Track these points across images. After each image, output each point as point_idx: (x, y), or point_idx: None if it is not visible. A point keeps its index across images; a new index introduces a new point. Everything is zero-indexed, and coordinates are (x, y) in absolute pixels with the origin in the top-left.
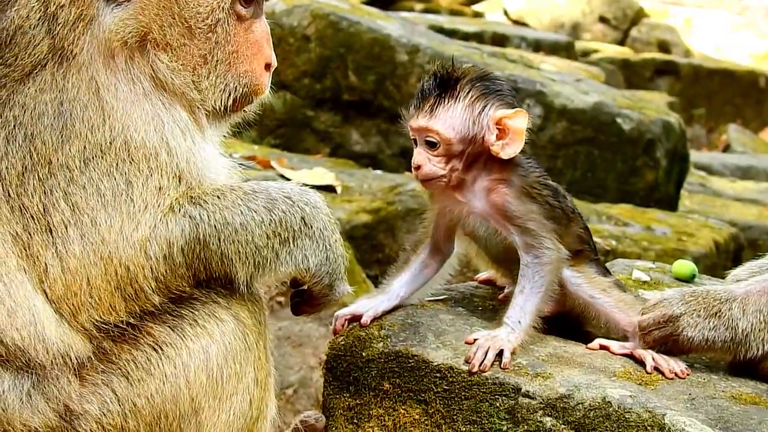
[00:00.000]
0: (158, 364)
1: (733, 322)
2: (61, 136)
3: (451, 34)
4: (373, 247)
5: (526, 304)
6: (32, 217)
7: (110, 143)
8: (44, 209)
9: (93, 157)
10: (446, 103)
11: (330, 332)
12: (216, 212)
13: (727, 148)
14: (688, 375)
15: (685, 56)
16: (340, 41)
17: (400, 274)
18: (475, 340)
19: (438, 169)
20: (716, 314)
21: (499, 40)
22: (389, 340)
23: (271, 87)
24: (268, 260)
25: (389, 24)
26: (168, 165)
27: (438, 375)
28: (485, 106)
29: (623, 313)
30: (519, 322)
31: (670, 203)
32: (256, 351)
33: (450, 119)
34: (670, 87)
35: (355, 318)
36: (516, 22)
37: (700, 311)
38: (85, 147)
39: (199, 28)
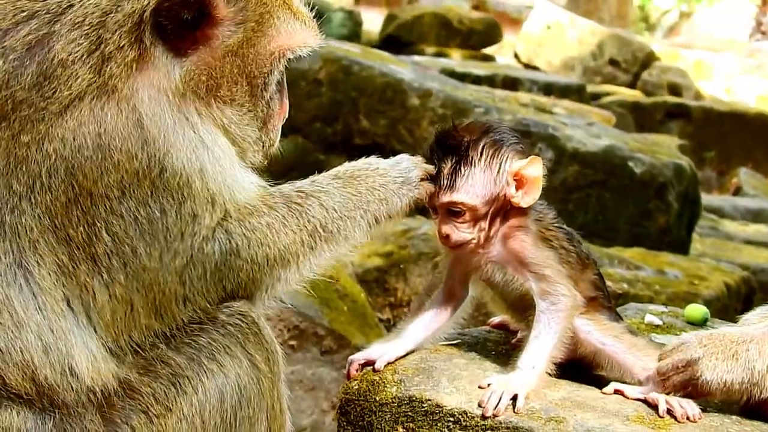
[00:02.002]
0: (176, 400)
1: (750, 363)
2: (101, 168)
3: (463, 77)
4: (385, 290)
5: (540, 350)
6: (77, 247)
7: (147, 171)
8: (88, 239)
9: (129, 186)
10: (463, 171)
11: (343, 376)
12: (246, 222)
13: (738, 191)
14: (700, 419)
15: (696, 99)
16: (352, 85)
17: (414, 318)
18: (488, 384)
19: (467, 235)
20: (733, 356)
21: (511, 83)
22: (403, 384)
23: (282, 131)
24: (303, 257)
25: (401, 68)
26: (200, 192)
27: (452, 419)
28: (501, 163)
29: (636, 358)
30: (533, 366)
31: (681, 246)
32: (269, 399)
33: (471, 187)
34: (681, 130)
35: (369, 363)
36: (527, 66)
37: (718, 354)
38: (122, 177)
39: (258, 87)
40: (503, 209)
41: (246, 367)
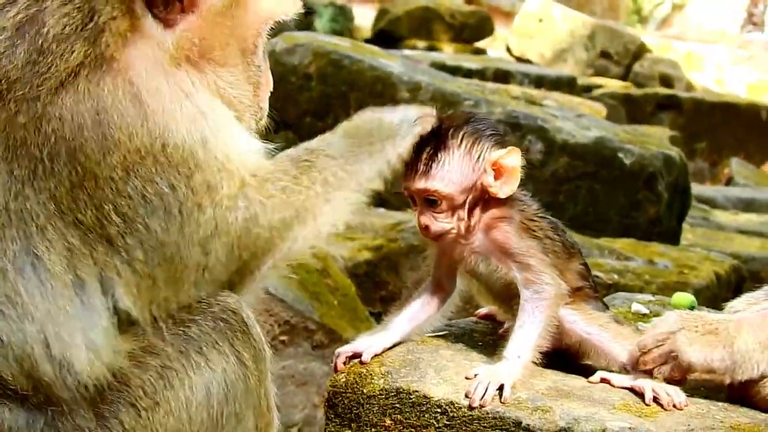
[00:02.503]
0: (163, 394)
1: (729, 339)
2: (102, 148)
3: (454, 71)
4: (376, 284)
5: (525, 339)
6: (89, 230)
7: (149, 147)
8: (99, 222)
9: (133, 165)
10: (440, 158)
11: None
12: (263, 189)
13: (729, 182)
14: (686, 406)
15: (687, 90)
16: (342, 79)
17: (401, 311)
18: (475, 375)
19: (445, 225)
20: (713, 332)
21: (502, 76)
22: (390, 376)
23: (272, 126)
24: (321, 212)
25: (391, 62)
26: (208, 162)
27: (439, 410)
28: (480, 152)
29: (621, 347)
30: (518, 356)
31: (672, 237)
32: (256, 396)
33: (447, 175)
34: (672, 121)
35: (356, 355)
36: (518, 59)
37: (697, 327)
38: (125, 156)
39: (248, 49)
40: (482, 199)
41: (233, 364)
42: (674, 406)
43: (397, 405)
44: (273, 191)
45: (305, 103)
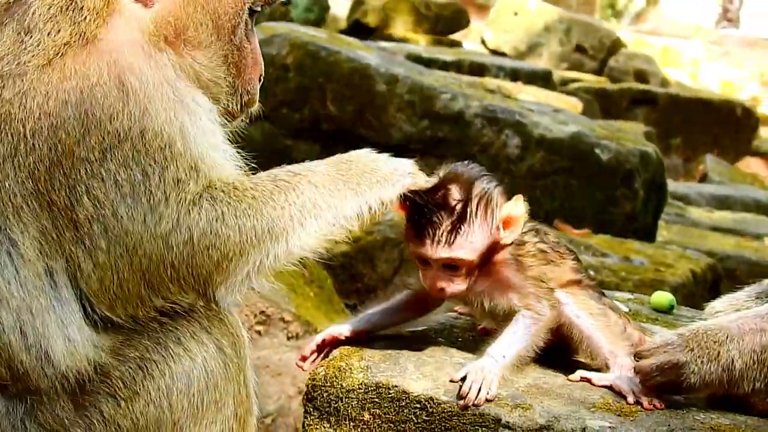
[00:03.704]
0: (143, 384)
1: (731, 364)
2: (83, 126)
3: (429, 63)
4: (352, 276)
5: (513, 344)
6: (60, 213)
7: (128, 131)
8: (70, 204)
9: (111, 148)
10: (462, 229)
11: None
12: (232, 192)
13: (704, 178)
14: (664, 405)
15: (663, 86)
16: (319, 71)
17: (378, 305)
18: (463, 377)
19: (461, 285)
20: (716, 358)
21: (477, 69)
22: (369, 370)
23: (249, 116)
24: (292, 233)
25: (368, 54)
26: (183, 155)
27: (418, 406)
28: (494, 213)
29: (606, 341)
30: (503, 356)
31: (647, 233)
32: (236, 384)
33: (470, 243)
34: (647, 116)
35: (326, 343)
36: (493, 52)
37: (703, 358)
38: (103, 138)
39: (225, 29)
40: (491, 252)
41: (212, 351)
42: (654, 406)
43: (377, 400)
44: (243, 197)
45: (282, 94)
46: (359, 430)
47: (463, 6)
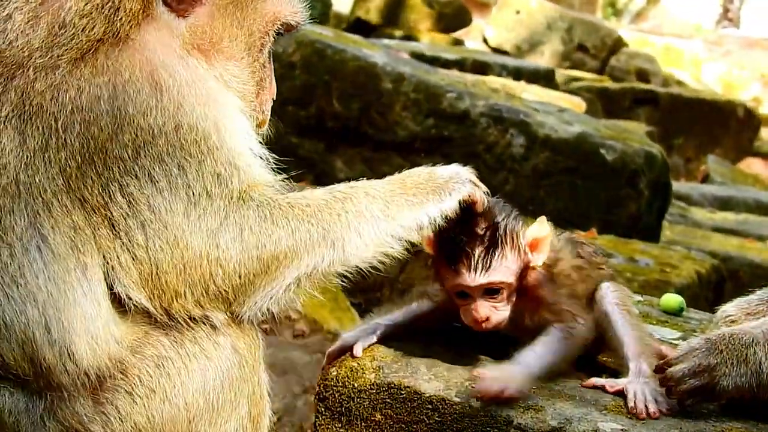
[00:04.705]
0: (159, 381)
1: (759, 367)
2: (116, 122)
3: (432, 61)
4: (358, 274)
5: (544, 356)
6: (93, 210)
7: (161, 126)
8: (104, 203)
9: (144, 144)
10: (496, 253)
11: (315, 361)
12: (281, 195)
13: (706, 179)
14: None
15: (664, 85)
16: (326, 69)
17: (395, 315)
18: (485, 373)
19: (504, 312)
20: (744, 360)
21: (480, 68)
22: (381, 371)
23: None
24: (348, 240)
25: (374, 52)
26: (220, 149)
27: (430, 406)
28: (519, 237)
29: (635, 342)
30: (532, 366)
31: (652, 234)
32: (250, 384)
33: (505, 267)
34: (648, 116)
35: (343, 350)
36: (495, 50)
37: (733, 360)
38: (137, 135)
39: (255, 46)
40: (525, 275)
41: (228, 352)
42: (661, 411)
43: (388, 400)
44: (295, 203)
45: (288, 92)
46: (371, 430)
47: (465, 4)
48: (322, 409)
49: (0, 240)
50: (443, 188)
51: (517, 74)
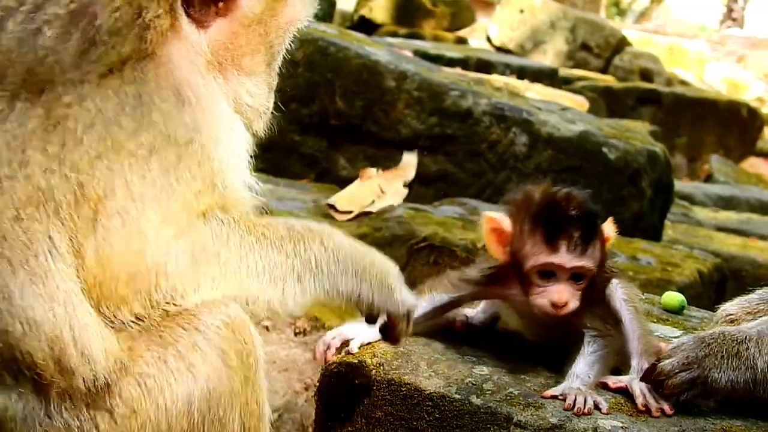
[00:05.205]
0: (141, 401)
1: (752, 362)
2: (138, 124)
3: (436, 59)
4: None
5: (594, 366)
6: (88, 202)
7: (177, 137)
8: (104, 194)
9: (159, 149)
10: (591, 239)
11: (316, 357)
12: (244, 221)
13: (709, 178)
14: (674, 411)
15: (667, 85)
16: (329, 66)
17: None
18: (563, 393)
19: (577, 302)
20: (736, 354)
21: (484, 66)
22: (381, 368)
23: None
24: (289, 283)
25: (377, 50)
26: (214, 173)
27: (430, 403)
28: (602, 231)
29: (639, 340)
30: (589, 376)
31: (654, 233)
32: (243, 395)
33: (596, 257)
34: (652, 115)
35: (344, 343)
36: (499, 49)
37: (722, 352)
38: (154, 137)
39: (274, 57)
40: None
41: (216, 366)
42: (662, 411)
43: (389, 397)
44: (253, 230)
45: (291, 89)
46: (371, 427)
47: (469, 3)
48: (322, 406)
49: (28, 247)
50: (387, 294)
51: (521, 73)
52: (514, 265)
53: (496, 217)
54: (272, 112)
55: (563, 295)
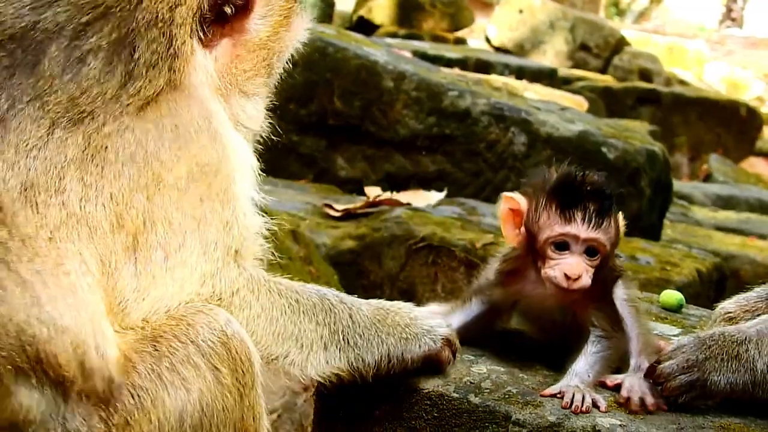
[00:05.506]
0: (134, 414)
1: (751, 364)
2: (177, 156)
3: (435, 60)
4: (359, 273)
5: (594, 366)
6: (128, 233)
7: (208, 168)
8: (143, 227)
9: (195, 180)
10: (609, 217)
11: None
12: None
13: (708, 178)
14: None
15: (667, 85)
16: (327, 66)
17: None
18: (561, 391)
19: (589, 280)
20: (736, 356)
21: (483, 66)
22: None
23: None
24: (315, 347)
25: (375, 50)
26: (235, 202)
27: (428, 402)
28: (617, 217)
29: (639, 339)
30: (588, 375)
31: (653, 233)
32: (238, 411)
33: (610, 230)
34: (651, 115)
35: None
36: (498, 49)
37: (723, 355)
38: (192, 168)
39: (273, 78)
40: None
41: (210, 382)
42: (659, 406)
43: (387, 396)
44: (287, 293)
45: (289, 90)
46: (369, 426)
47: (468, 3)
48: (322, 406)
49: (59, 264)
50: (416, 339)
51: (520, 73)
52: (529, 246)
53: (513, 196)
54: (270, 113)
55: (577, 268)
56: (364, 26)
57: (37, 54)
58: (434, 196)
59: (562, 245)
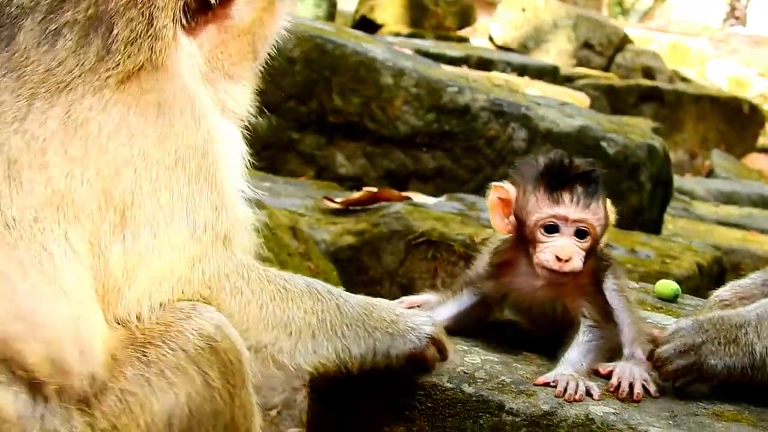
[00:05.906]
0: (121, 417)
1: (750, 347)
2: (162, 133)
3: (437, 58)
4: (358, 269)
5: (587, 355)
6: (114, 210)
7: (196, 149)
8: (130, 203)
9: (183, 159)
10: (597, 198)
11: None
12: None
13: (710, 174)
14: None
15: (670, 82)
16: (326, 64)
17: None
18: (555, 380)
19: (580, 262)
20: (734, 340)
21: (485, 64)
22: None
23: (256, 109)
24: (303, 335)
25: (375, 47)
26: (223, 185)
27: (422, 393)
28: (605, 202)
29: (631, 329)
30: (582, 364)
31: (653, 227)
32: (228, 412)
33: (599, 212)
34: (654, 113)
35: None
36: (501, 48)
37: (720, 338)
38: (178, 146)
39: (260, 63)
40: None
41: (199, 385)
42: (649, 393)
43: (381, 387)
44: (275, 279)
45: (288, 87)
46: (364, 418)
47: (471, 2)
48: (316, 399)
49: (44, 248)
50: (401, 336)
51: (522, 71)
52: (519, 235)
53: (501, 185)
54: (269, 111)
55: (568, 250)
56: (367, 25)
57: (12, 28)
58: (432, 201)
59: (551, 228)
